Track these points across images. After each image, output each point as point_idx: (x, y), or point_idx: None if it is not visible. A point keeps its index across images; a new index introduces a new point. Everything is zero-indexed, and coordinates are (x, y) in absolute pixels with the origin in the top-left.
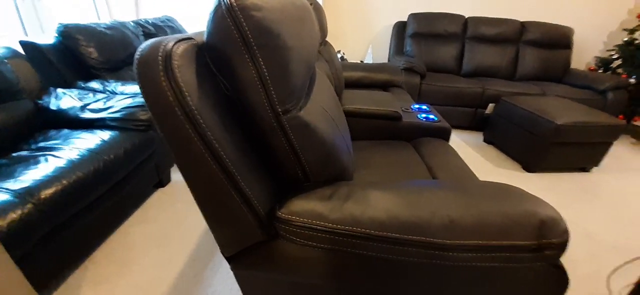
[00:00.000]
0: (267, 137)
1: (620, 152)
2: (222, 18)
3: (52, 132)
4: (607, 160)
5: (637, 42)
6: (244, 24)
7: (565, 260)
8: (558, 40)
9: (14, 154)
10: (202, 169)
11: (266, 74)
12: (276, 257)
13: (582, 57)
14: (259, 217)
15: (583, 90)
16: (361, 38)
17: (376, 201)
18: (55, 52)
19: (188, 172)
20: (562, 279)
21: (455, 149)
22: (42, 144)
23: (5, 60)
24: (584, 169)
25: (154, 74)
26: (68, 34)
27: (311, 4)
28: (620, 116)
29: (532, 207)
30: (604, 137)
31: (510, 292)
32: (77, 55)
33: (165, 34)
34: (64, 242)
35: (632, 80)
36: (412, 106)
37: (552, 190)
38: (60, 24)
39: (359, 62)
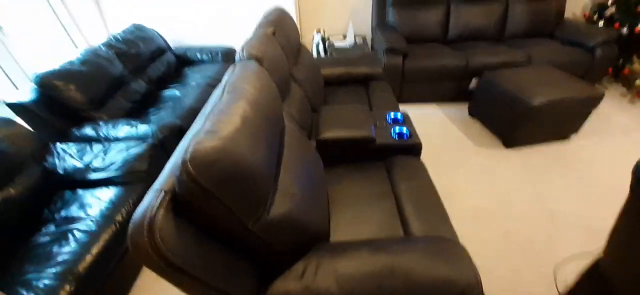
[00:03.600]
0: (244, 241)
1: (606, 109)
2: (186, 182)
3: (68, 195)
4: (590, 121)
5: None
6: (203, 183)
7: (527, 241)
8: None
9: (44, 229)
10: (190, 286)
11: (232, 206)
12: None
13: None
14: None
15: (572, 47)
16: (340, 12)
17: (338, 277)
18: (41, 106)
19: (184, 289)
20: None
21: (440, 125)
22: (64, 214)
23: (3, 135)
24: (564, 136)
25: (142, 243)
26: (46, 83)
27: (274, 33)
28: (609, 69)
29: (454, 274)
30: (582, 108)
31: None
32: (62, 102)
33: (138, 47)
34: (106, 291)
35: (625, 30)
36: (387, 116)
37: (527, 166)
38: (35, 74)
39: (342, 37)
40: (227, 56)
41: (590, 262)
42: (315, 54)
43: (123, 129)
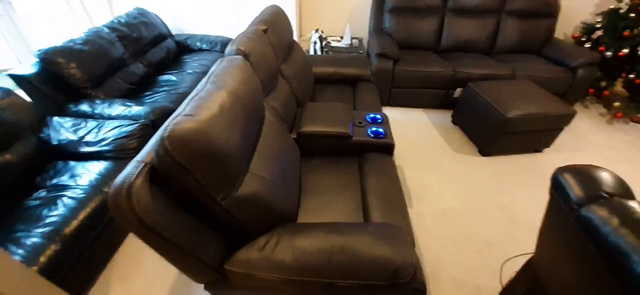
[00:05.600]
0: (214, 212)
1: (583, 127)
2: (163, 156)
3: (60, 165)
4: (564, 137)
5: (621, 11)
6: (178, 159)
7: (485, 241)
8: (542, 8)
9: (35, 194)
10: (163, 246)
11: (203, 181)
12: (229, 288)
13: (572, 20)
14: (212, 266)
15: (555, 66)
16: (339, 14)
17: (294, 250)
18: (42, 80)
19: (158, 250)
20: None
21: (423, 130)
22: (55, 181)
23: (4, 104)
24: (537, 149)
25: (120, 204)
26: (49, 59)
27: (265, 30)
28: (591, 89)
29: (393, 255)
30: (554, 124)
31: None
32: (63, 78)
33: (140, 31)
34: (90, 256)
35: (609, 54)
36: (367, 116)
37: (498, 174)
38: (39, 50)
39: (339, 38)
40: (226, 47)
41: (528, 258)
42: (312, 52)
43: (117, 109)
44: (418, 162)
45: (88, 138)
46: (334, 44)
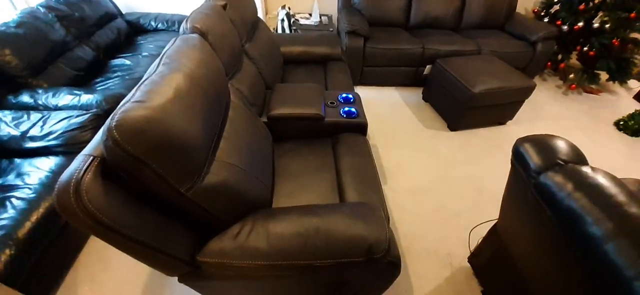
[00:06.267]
0: (180, 205)
1: (541, 99)
2: (113, 148)
3: (4, 163)
4: (524, 109)
5: None
6: (131, 150)
7: (454, 212)
8: None
9: None
10: (125, 244)
11: (162, 172)
12: (204, 279)
13: None
14: (183, 260)
15: (517, 40)
16: None
17: (269, 236)
18: None
19: (120, 248)
20: (393, 268)
21: (395, 108)
22: (0, 182)
23: None
24: (500, 122)
25: (68, 204)
26: None
27: (224, 6)
28: (548, 63)
29: (367, 232)
30: (517, 97)
31: (361, 277)
32: None
33: (82, 10)
34: (52, 259)
35: (565, 28)
36: (339, 96)
37: (465, 147)
38: None
39: (307, 16)
40: None
41: (493, 224)
42: (280, 30)
43: (64, 98)
44: (391, 140)
45: (33, 132)
46: (302, 21)
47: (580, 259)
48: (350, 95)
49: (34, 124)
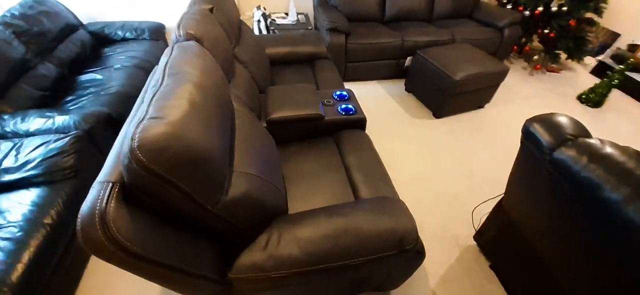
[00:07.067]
0: (205, 222)
1: (511, 81)
2: (137, 171)
3: None
4: (499, 92)
5: None
6: (157, 170)
7: (452, 195)
8: None
9: None
10: (156, 273)
11: (188, 190)
12: None
13: None
14: (212, 279)
15: (486, 27)
16: None
17: (299, 242)
18: None
19: (148, 277)
20: (419, 256)
21: (381, 101)
22: None
23: None
24: (480, 106)
25: (95, 237)
26: None
27: (211, 9)
28: (514, 47)
29: (395, 225)
30: (494, 81)
31: (390, 268)
32: None
33: (41, 23)
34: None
35: (527, 13)
36: (334, 94)
37: (451, 132)
38: None
39: (284, 15)
40: (156, 33)
41: (496, 202)
42: (257, 31)
43: (35, 122)
44: (382, 133)
45: (6, 164)
46: (279, 21)
47: (601, 223)
48: (345, 93)
49: (6, 155)
